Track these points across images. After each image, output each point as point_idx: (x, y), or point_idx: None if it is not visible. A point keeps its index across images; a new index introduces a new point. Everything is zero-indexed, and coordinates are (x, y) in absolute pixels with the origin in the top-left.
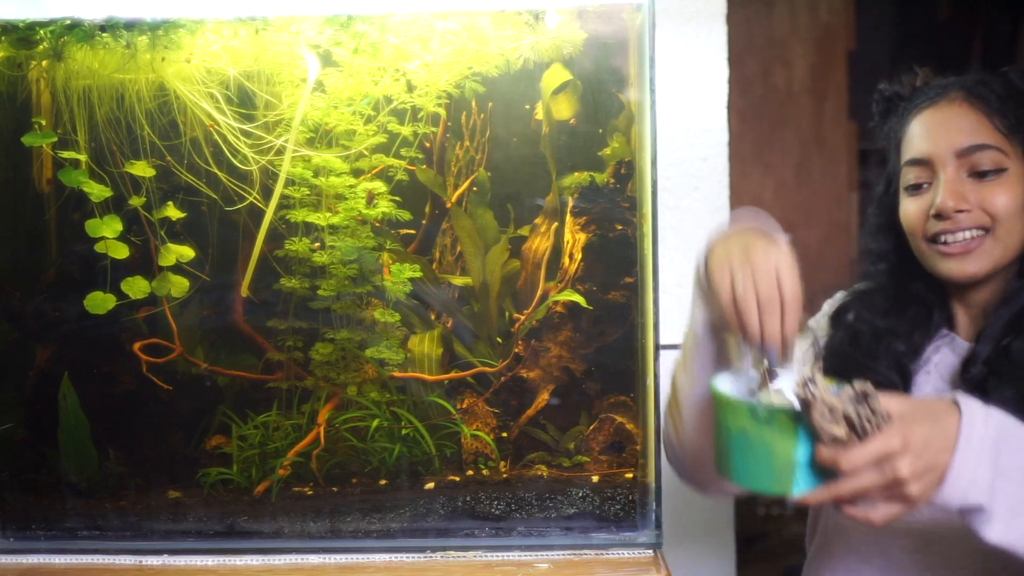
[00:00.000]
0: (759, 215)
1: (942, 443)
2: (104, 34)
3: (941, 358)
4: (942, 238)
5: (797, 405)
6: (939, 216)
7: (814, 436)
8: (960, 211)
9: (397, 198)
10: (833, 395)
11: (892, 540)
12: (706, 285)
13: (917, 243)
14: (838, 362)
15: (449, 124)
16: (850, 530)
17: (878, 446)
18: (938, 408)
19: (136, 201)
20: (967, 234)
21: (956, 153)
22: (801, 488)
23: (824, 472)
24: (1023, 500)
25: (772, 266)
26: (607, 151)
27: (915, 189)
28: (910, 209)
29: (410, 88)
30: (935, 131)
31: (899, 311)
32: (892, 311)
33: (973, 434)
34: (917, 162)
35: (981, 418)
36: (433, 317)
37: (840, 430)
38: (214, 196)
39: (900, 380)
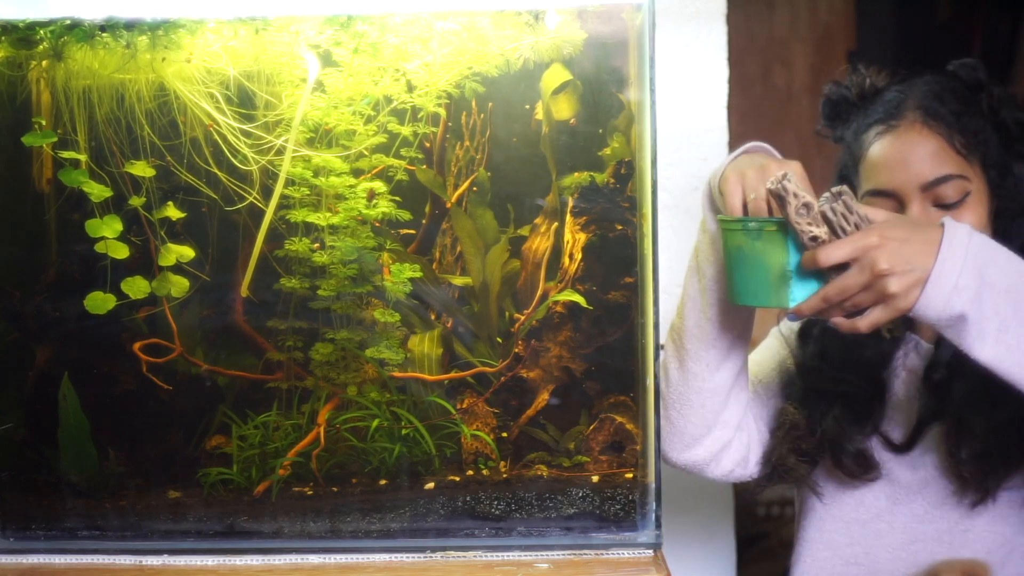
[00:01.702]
0: (767, 148)
1: (923, 247)
2: (104, 34)
3: (910, 362)
4: None
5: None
6: None
7: (803, 246)
8: None
9: (397, 198)
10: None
11: (875, 540)
12: (718, 202)
13: None
14: (810, 377)
15: (449, 124)
16: (834, 533)
17: (855, 238)
18: (922, 222)
19: (136, 201)
20: None
21: (921, 187)
22: (796, 298)
23: (818, 281)
24: (1012, 316)
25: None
26: (607, 151)
27: None
28: None
29: (410, 88)
30: (897, 163)
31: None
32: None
33: (955, 240)
34: (881, 193)
35: (965, 231)
36: (433, 317)
37: (819, 230)
38: (214, 196)
39: (874, 389)
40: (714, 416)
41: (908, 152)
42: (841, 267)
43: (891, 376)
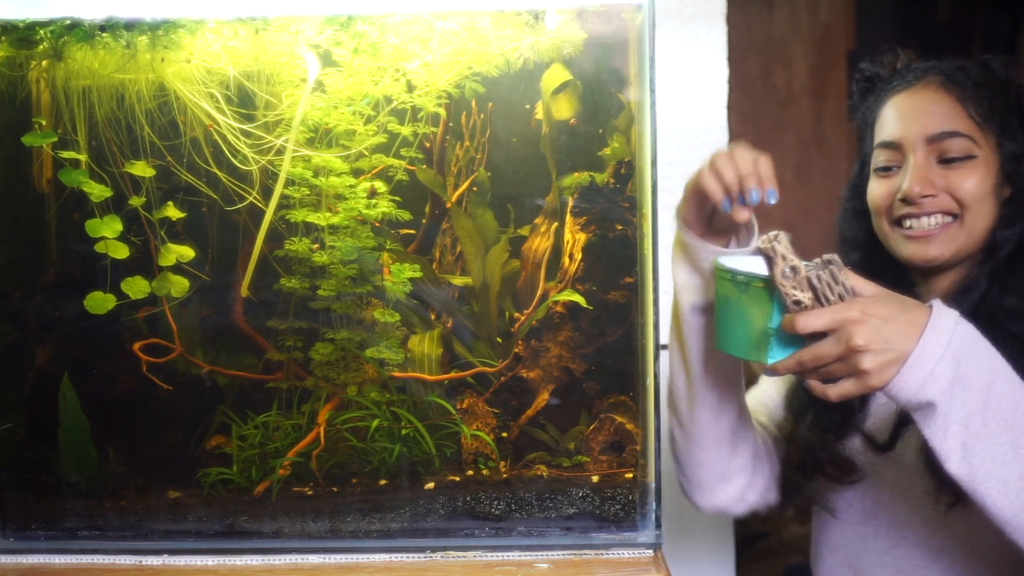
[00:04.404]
0: None
1: (906, 328)
2: (104, 34)
3: None
4: (907, 223)
5: (764, 265)
6: (905, 200)
7: (786, 308)
8: (926, 196)
9: (397, 198)
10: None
11: (863, 543)
12: (685, 211)
13: (881, 224)
14: (797, 379)
15: (449, 124)
16: (833, 536)
17: (836, 310)
18: (910, 301)
19: (136, 201)
20: (932, 220)
21: (927, 139)
22: (774, 357)
23: (797, 343)
24: (977, 414)
25: (747, 151)
26: (607, 151)
27: (884, 171)
28: (877, 190)
29: (410, 88)
30: (908, 115)
31: None
32: None
33: (940, 327)
34: (888, 145)
35: (953, 319)
36: (433, 317)
37: (803, 295)
38: (214, 196)
39: None
40: (724, 465)
41: (920, 106)
42: (820, 335)
43: None
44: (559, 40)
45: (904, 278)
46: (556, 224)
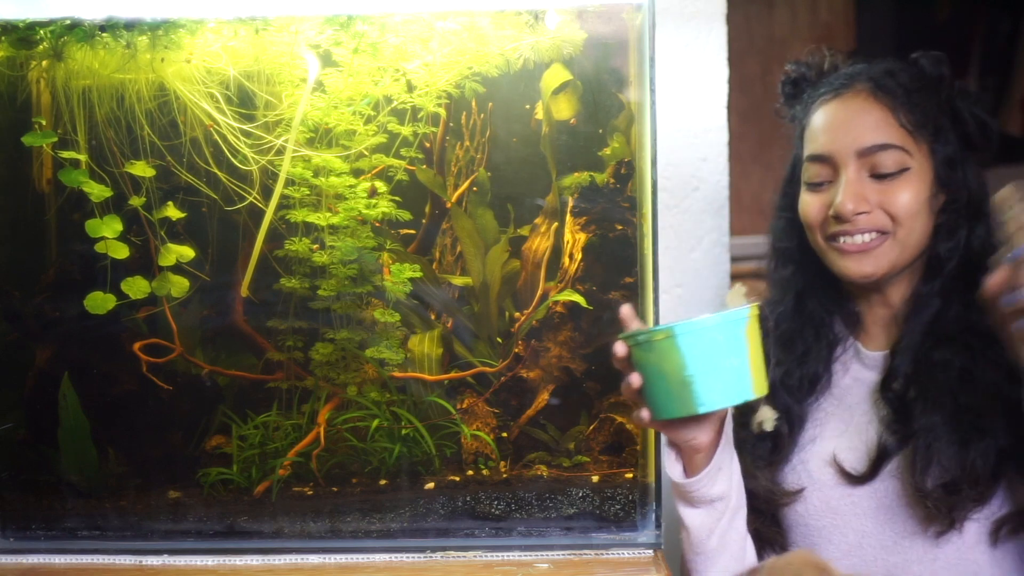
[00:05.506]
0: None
1: None
2: (104, 34)
3: (853, 372)
4: (841, 239)
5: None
6: (838, 218)
7: (696, 351)
8: (859, 213)
9: (397, 198)
10: None
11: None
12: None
13: (815, 239)
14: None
15: (449, 124)
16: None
17: None
18: None
19: (136, 201)
20: (865, 237)
21: (858, 152)
22: (703, 403)
23: (721, 380)
24: None
25: None
26: (607, 151)
27: (816, 186)
28: (809, 205)
29: (410, 88)
30: (838, 127)
31: (799, 332)
32: (795, 334)
33: None
34: (818, 158)
35: None
36: (433, 317)
37: None
38: (214, 196)
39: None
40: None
41: (850, 117)
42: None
43: (836, 396)
44: (559, 40)
45: (839, 291)
46: (556, 224)
